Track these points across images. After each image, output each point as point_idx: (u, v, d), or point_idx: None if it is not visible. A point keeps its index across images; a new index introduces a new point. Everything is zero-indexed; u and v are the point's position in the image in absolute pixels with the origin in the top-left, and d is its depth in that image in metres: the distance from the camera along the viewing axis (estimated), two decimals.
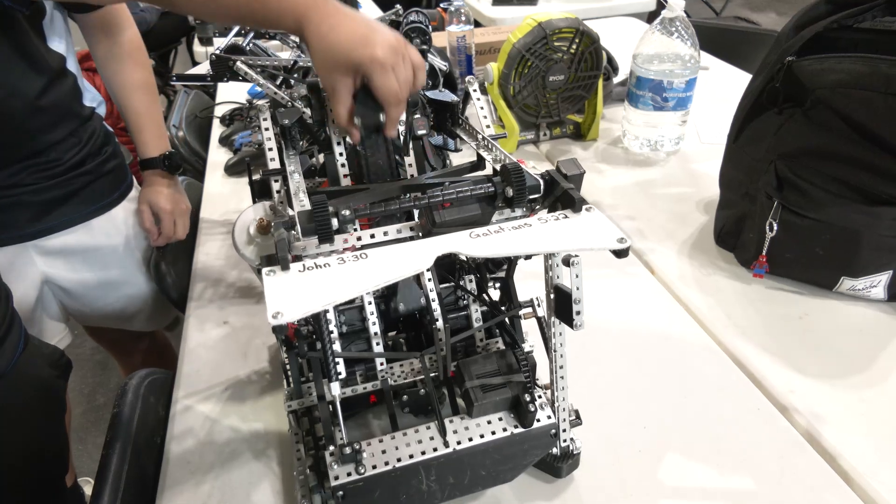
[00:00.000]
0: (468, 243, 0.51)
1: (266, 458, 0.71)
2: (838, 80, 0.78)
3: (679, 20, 1.17)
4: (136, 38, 1.09)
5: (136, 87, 1.09)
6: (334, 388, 0.57)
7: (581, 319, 0.55)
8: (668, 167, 1.24)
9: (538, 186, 0.57)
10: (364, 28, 0.60)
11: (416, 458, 0.56)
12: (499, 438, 0.58)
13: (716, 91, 1.52)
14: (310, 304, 0.44)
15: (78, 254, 1.07)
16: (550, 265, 0.58)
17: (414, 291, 0.67)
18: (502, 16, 2.30)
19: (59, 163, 0.98)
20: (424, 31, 0.90)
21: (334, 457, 0.55)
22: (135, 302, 1.19)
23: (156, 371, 0.84)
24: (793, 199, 0.84)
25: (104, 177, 1.07)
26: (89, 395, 1.95)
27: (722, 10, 4.20)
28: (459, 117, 0.71)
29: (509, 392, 0.59)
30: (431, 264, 0.49)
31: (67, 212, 1.03)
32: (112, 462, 0.69)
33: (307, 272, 0.48)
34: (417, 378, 0.66)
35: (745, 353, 0.81)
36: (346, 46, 0.60)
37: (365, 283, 0.47)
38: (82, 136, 1.02)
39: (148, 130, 1.11)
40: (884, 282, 0.84)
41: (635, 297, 0.92)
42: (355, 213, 0.52)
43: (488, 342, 0.70)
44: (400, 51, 0.61)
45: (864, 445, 0.68)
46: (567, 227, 0.53)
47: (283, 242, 0.49)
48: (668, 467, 0.68)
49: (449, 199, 0.55)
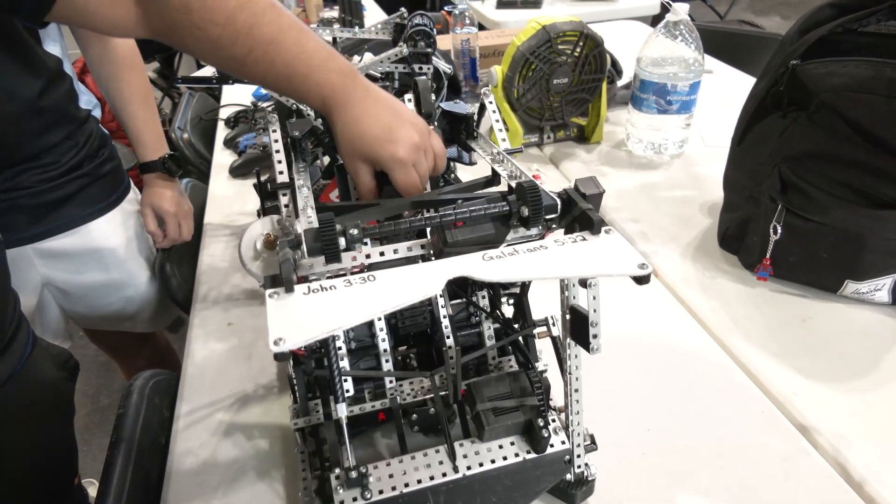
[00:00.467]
0: (481, 266, 0.48)
1: (270, 478, 0.70)
2: (843, 84, 0.78)
3: (683, 24, 1.17)
4: (130, 41, 1.09)
5: (131, 92, 1.09)
6: (340, 409, 0.54)
7: (598, 343, 0.53)
8: (671, 170, 1.24)
9: (555, 206, 0.54)
10: (389, 120, 0.59)
11: (425, 483, 0.55)
12: (510, 464, 0.57)
13: (720, 94, 1.52)
14: (313, 331, 0.42)
15: (77, 256, 1.08)
16: (567, 285, 0.56)
17: (419, 309, 0.66)
18: (506, 19, 2.30)
19: (56, 166, 0.98)
20: (429, 34, 0.90)
21: (340, 480, 0.54)
22: (135, 303, 1.19)
23: (160, 372, 0.84)
24: (797, 202, 0.84)
25: (101, 179, 1.07)
26: (93, 397, 1.96)
27: (726, 14, 4.20)
28: (474, 130, 0.70)
29: (522, 416, 0.58)
30: (442, 289, 0.47)
31: (66, 214, 1.03)
32: (117, 463, 0.69)
33: (312, 295, 0.46)
34: (427, 396, 0.65)
35: (748, 356, 0.81)
36: (368, 140, 0.59)
37: (372, 308, 0.45)
38: (79, 138, 1.02)
39: (145, 134, 1.11)
40: (888, 285, 0.84)
41: (639, 299, 0.92)
42: (364, 231, 0.50)
43: (501, 360, 0.69)
44: (422, 145, 0.60)
45: (867, 448, 0.68)
46: (585, 250, 0.50)
47: (287, 263, 0.47)
48: (671, 469, 0.68)
49: (462, 217, 0.53)
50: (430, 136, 0.62)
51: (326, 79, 0.60)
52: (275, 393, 0.80)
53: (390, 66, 0.81)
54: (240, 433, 0.75)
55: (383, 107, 0.60)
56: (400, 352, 0.70)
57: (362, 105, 0.60)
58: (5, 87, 0.88)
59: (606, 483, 0.66)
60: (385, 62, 0.81)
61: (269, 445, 0.73)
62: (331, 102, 0.60)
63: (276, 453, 0.72)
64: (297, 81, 0.60)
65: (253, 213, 1.19)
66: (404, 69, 0.82)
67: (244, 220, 1.18)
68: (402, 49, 0.80)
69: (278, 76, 0.61)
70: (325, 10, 2.30)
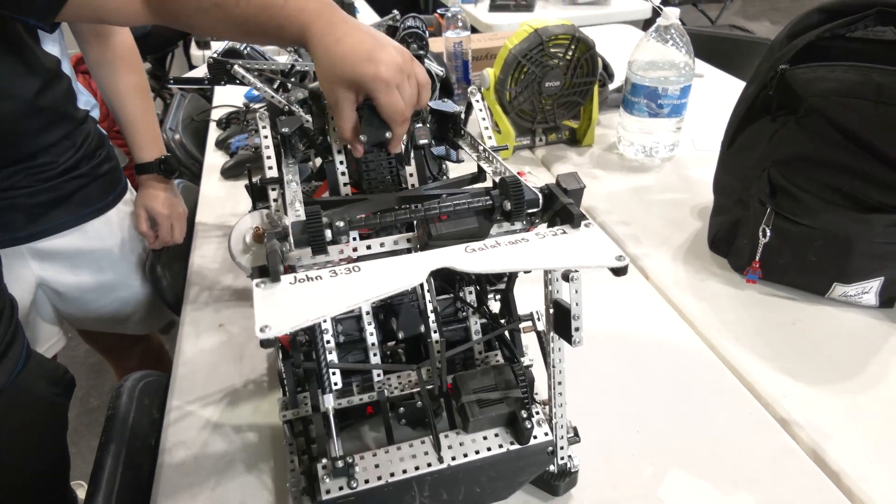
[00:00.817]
0: (463, 258, 0.50)
1: (259, 470, 0.70)
2: (831, 89, 0.78)
3: (674, 28, 1.18)
4: (129, 41, 1.09)
5: (129, 92, 1.09)
6: (328, 399, 0.56)
7: (580, 336, 0.55)
8: (662, 173, 1.25)
9: (537, 200, 0.56)
10: (370, 42, 0.59)
11: (410, 473, 0.56)
12: (494, 455, 0.58)
13: (710, 98, 1.53)
14: (298, 318, 0.44)
15: (72, 257, 1.07)
16: (550, 279, 0.57)
17: (412, 315, 0.67)
18: (499, 22, 2.31)
19: (53, 166, 0.98)
20: (421, 35, 0.91)
21: (326, 470, 0.55)
22: (129, 305, 1.19)
23: (150, 373, 0.84)
24: (786, 205, 0.84)
25: (98, 180, 1.07)
26: (83, 399, 1.94)
27: (717, 19, 4.23)
28: (462, 128, 0.71)
29: (506, 408, 0.59)
30: (425, 279, 0.48)
31: (62, 215, 1.03)
32: (106, 464, 0.69)
33: (298, 284, 0.47)
34: (415, 390, 0.65)
35: (738, 358, 0.81)
36: (351, 61, 0.58)
37: (356, 296, 0.46)
38: (77, 139, 1.02)
39: (142, 135, 1.11)
40: (875, 288, 0.85)
41: (629, 301, 0.93)
42: (350, 224, 0.52)
43: (487, 355, 0.70)
44: (406, 69, 0.60)
45: (855, 449, 0.69)
46: (565, 242, 0.52)
47: (274, 254, 0.48)
48: (661, 471, 0.68)
49: (446, 211, 0.54)
50: (414, 63, 0.61)
51: (304, 5, 0.60)
52: (265, 390, 0.80)
53: None
54: (229, 428, 0.75)
55: (364, 31, 0.60)
56: (388, 347, 0.71)
57: (342, 28, 0.59)
58: (3, 87, 0.88)
59: (596, 484, 0.66)
60: None
61: (258, 439, 0.73)
62: (308, 30, 0.60)
63: (265, 447, 0.73)
64: (275, 10, 0.61)
65: (244, 213, 1.19)
66: None
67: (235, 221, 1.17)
68: None
69: (258, 9, 0.61)
70: None
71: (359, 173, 0.68)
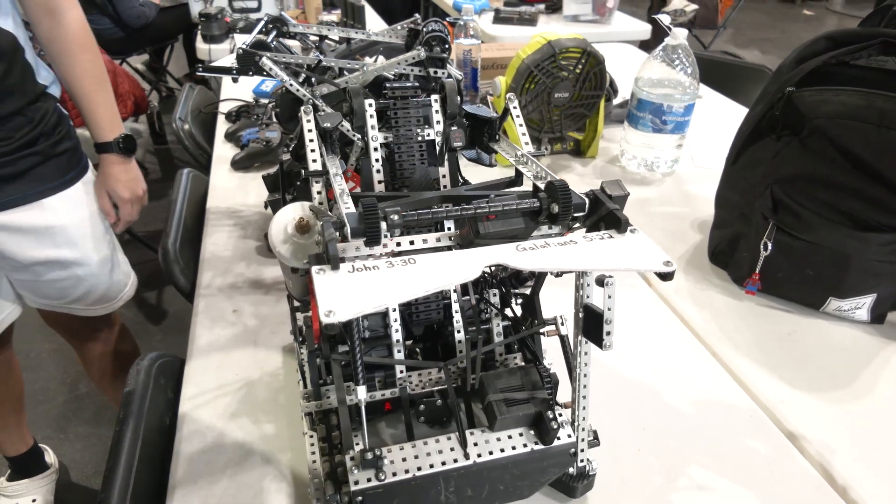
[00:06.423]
0: (515, 255, 0.51)
1: (277, 462, 0.71)
2: (835, 111, 0.83)
3: (681, 48, 1.22)
4: (80, 18, 1.07)
5: (83, 71, 1.08)
6: (361, 391, 0.56)
7: (610, 340, 0.55)
8: (663, 187, 1.29)
9: (583, 205, 0.56)
10: None
11: (437, 468, 0.56)
12: (519, 454, 0.58)
13: (708, 119, 1.58)
14: (362, 305, 0.44)
15: (28, 232, 1.07)
16: (581, 284, 0.57)
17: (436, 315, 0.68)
18: (502, 34, 2.36)
19: (8, 141, 0.98)
20: (444, 39, 0.93)
21: (354, 461, 0.55)
22: (84, 283, 1.18)
23: (165, 354, 0.85)
24: (788, 221, 0.88)
25: (56, 157, 1.06)
26: (71, 385, 1.92)
27: (709, 45, 4.33)
28: (497, 132, 0.72)
29: (532, 408, 0.60)
30: (479, 273, 0.49)
31: (18, 190, 1.03)
32: (126, 438, 0.70)
33: (357, 273, 0.48)
34: (435, 388, 0.66)
35: (737, 365, 0.85)
36: None
37: (415, 287, 0.46)
38: (33, 115, 1.01)
39: (99, 114, 1.10)
40: (868, 304, 0.89)
41: (635, 306, 0.96)
42: (403, 217, 0.52)
43: (507, 357, 0.71)
44: None
45: (847, 453, 0.73)
46: (613, 246, 0.53)
47: (333, 242, 0.49)
48: (664, 467, 0.71)
49: (495, 210, 0.55)
50: None
51: None
52: (280, 380, 0.82)
53: (406, 68, 0.84)
54: (246, 417, 0.76)
55: None
56: (407, 346, 0.72)
57: None
58: None
59: (603, 478, 0.69)
60: (402, 63, 0.83)
61: (275, 430, 0.75)
62: None
63: (283, 438, 0.74)
64: None
65: (255, 204, 1.21)
66: (420, 72, 0.84)
67: (246, 211, 1.19)
68: (419, 52, 0.82)
69: None
70: (324, 13, 2.33)
71: (392, 172, 0.70)
